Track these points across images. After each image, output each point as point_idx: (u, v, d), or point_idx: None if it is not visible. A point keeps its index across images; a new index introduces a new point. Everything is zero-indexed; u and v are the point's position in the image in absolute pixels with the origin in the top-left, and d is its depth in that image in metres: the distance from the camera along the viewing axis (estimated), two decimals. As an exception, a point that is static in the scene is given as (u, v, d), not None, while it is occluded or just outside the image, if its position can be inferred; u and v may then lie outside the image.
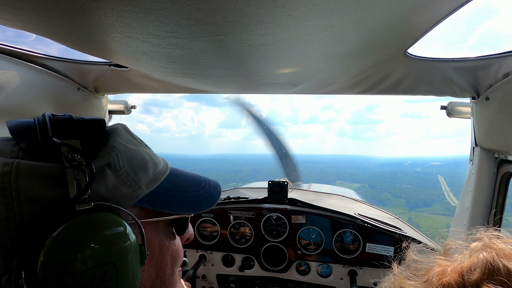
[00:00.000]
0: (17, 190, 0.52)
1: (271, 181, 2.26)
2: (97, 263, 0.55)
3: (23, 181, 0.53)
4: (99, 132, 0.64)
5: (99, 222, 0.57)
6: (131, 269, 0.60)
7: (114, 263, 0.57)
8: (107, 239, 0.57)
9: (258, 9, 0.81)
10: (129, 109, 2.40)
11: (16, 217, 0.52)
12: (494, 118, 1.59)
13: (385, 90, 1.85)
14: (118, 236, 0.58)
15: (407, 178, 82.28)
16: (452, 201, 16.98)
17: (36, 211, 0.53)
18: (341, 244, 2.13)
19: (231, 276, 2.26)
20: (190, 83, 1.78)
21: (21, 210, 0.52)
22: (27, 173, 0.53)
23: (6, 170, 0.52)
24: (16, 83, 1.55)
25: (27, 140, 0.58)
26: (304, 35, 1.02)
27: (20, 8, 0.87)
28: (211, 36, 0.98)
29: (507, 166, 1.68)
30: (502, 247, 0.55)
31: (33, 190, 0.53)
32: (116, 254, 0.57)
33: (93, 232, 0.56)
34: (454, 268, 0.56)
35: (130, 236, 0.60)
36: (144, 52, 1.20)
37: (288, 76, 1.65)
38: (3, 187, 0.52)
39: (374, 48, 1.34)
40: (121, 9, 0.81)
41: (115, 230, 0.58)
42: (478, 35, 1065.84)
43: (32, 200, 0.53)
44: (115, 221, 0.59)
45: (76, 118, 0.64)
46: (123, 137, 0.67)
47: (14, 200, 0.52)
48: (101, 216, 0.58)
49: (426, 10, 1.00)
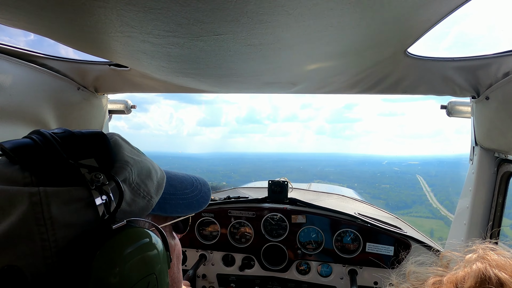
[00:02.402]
0: (51, 219, 0.51)
1: (271, 181, 2.26)
2: (142, 275, 0.58)
3: (55, 209, 0.52)
4: (105, 147, 0.64)
5: (135, 237, 0.59)
6: (165, 275, 0.64)
7: (155, 273, 0.61)
8: (146, 252, 0.60)
9: (258, 9, 0.81)
10: (129, 108, 2.40)
11: (52, 245, 0.51)
12: (494, 118, 1.59)
13: (385, 90, 1.85)
14: (152, 247, 0.61)
15: (386, 178, 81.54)
16: (433, 203, 16.86)
17: (70, 235, 0.53)
18: (341, 244, 2.13)
19: (231, 276, 2.26)
20: (190, 82, 1.78)
21: (56, 238, 0.52)
22: (57, 200, 0.53)
23: (35, 200, 0.51)
24: (16, 83, 1.55)
25: (36, 164, 0.55)
26: (304, 35, 1.02)
27: (20, 8, 0.87)
28: (211, 36, 0.98)
29: (507, 166, 1.68)
30: (495, 258, 0.57)
31: (65, 216, 0.53)
32: (155, 264, 0.61)
33: (133, 248, 0.58)
34: (449, 278, 0.58)
35: (159, 245, 0.63)
36: (144, 52, 1.20)
37: (288, 76, 1.64)
38: (37, 217, 0.50)
39: (374, 48, 1.34)
40: (121, 9, 0.81)
41: (149, 242, 0.61)
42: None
43: (66, 226, 0.53)
44: (146, 234, 0.61)
45: (77, 132, 0.63)
46: (126, 149, 0.68)
47: (49, 229, 0.51)
48: (135, 231, 0.60)
49: (426, 9, 1.00)
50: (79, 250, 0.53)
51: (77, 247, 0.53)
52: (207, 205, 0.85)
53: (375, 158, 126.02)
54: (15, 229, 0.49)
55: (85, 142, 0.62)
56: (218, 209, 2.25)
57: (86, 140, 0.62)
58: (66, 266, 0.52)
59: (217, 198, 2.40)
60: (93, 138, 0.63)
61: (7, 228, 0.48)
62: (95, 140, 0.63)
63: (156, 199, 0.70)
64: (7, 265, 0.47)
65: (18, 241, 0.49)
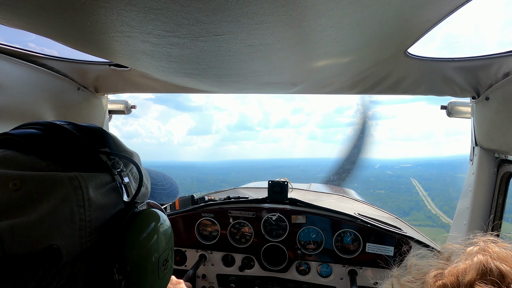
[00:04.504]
0: (89, 200, 0.56)
1: (271, 181, 2.26)
2: (164, 248, 0.68)
3: (92, 192, 0.57)
4: (111, 138, 0.70)
5: (155, 217, 0.69)
6: (173, 249, 0.76)
7: (170, 246, 0.72)
8: (163, 228, 0.70)
9: (258, 9, 0.81)
10: (129, 109, 2.40)
11: (87, 225, 0.55)
12: (494, 118, 1.59)
13: (385, 90, 1.85)
14: (167, 225, 0.72)
15: (380, 183, 79.06)
16: (432, 209, 16.45)
17: (101, 217, 0.58)
18: (341, 244, 2.13)
19: (231, 276, 2.26)
20: (190, 83, 1.78)
21: (91, 218, 0.56)
22: (91, 183, 0.57)
23: (75, 183, 0.54)
24: (16, 83, 1.55)
25: (57, 152, 0.57)
26: (304, 35, 1.02)
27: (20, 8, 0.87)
28: (211, 36, 0.98)
29: (507, 166, 1.68)
30: (496, 251, 0.57)
31: (99, 199, 0.58)
32: (170, 239, 0.72)
33: (156, 225, 0.67)
34: (450, 271, 0.58)
35: (168, 223, 0.74)
36: (144, 52, 1.20)
37: (288, 76, 1.64)
38: (77, 199, 0.54)
39: (374, 48, 1.34)
40: (121, 9, 0.81)
41: (164, 221, 0.71)
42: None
43: (99, 208, 0.58)
44: (160, 214, 0.71)
45: (81, 125, 0.67)
46: (121, 142, 0.74)
47: (86, 210, 0.55)
48: (153, 212, 0.69)
49: (426, 10, 1.00)
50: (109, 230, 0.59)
51: (106, 228, 0.59)
52: (178, 195, 0.98)
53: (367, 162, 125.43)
54: (58, 211, 0.52)
55: (94, 133, 0.66)
56: (218, 209, 2.25)
57: (94, 131, 0.66)
58: (97, 246, 0.57)
59: (217, 198, 2.40)
60: (95, 130, 0.68)
61: (51, 210, 0.51)
62: (97, 131, 0.68)
63: (149, 188, 0.79)
64: (48, 245, 0.50)
65: (60, 222, 0.52)
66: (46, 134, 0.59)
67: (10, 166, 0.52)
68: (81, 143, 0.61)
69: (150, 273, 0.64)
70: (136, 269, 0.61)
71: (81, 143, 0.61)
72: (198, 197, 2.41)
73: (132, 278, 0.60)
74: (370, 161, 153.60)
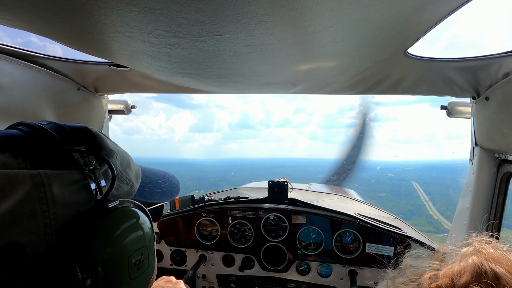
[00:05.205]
0: (52, 198, 0.56)
1: (271, 181, 2.26)
2: (136, 247, 0.67)
3: (56, 189, 0.56)
4: (91, 136, 0.70)
5: (129, 215, 0.68)
6: (153, 248, 0.74)
7: (146, 246, 0.70)
8: (138, 227, 0.69)
9: (258, 9, 0.81)
10: (129, 109, 2.40)
11: (52, 223, 0.55)
12: (494, 118, 1.59)
13: (385, 90, 1.85)
14: (142, 224, 0.70)
15: (381, 186, 77.16)
16: (434, 214, 16.15)
17: (69, 215, 0.58)
18: (341, 244, 2.13)
19: (231, 276, 2.26)
20: (190, 83, 1.78)
21: (56, 216, 0.56)
22: (56, 181, 0.57)
23: (37, 181, 0.54)
24: (16, 83, 1.55)
25: (29, 150, 0.58)
26: (304, 35, 1.02)
27: (20, 8, 0.87)
28: (211, 36, 0.98)
29: (507, 166, 1.68)
30: (490, 252, 0.57)
31: (65, 196, 0.58)
32: (146, 238, 0.70)
33: (129, 224, 0.66)
34: (445, 273, 0.57)
35: (147, 223, 0.72)
36: (144, 52, 1.20)
37: (288, 76, 1.64)
38: (39, 196, 0.54)
39: (374, 48, 1.34)
40: (121, 9, 0.81)
41: (140, 219, 0.70)
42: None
43: (65, 206, 0.58)
44: (136, 212, 0.70)
45: (63, 124, 0.67)
46: (107, 140, 0.74)
47: (50, 207, 0.55)
48: (127, 210, 0.68)
49: (426, 10, 1.00)
50: (77, 228, 0.58)
51: (75, 225, 0.58)
52: (178, 194, 0.97)
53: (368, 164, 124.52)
54: (19, 208, 0.52)
55: (73, 132, 0.67)
56: (218, 209, 2.25)
57: (73, 131, 0.67)
58: (65, 243, 0.57)
59: (217, 198, 2.40)
60: (79, 129, 0.69)
61: (11, 207, 0.51)
62: (81, 130, 0.69)
63: (137, 185, 0.79)
64: (10, 241, 0.50)
65: (21, 219, 0.52)
66: (25, 134, 0.60)
67: None
68: (53, 141, 0.61)
69: (119, 272, 0.63)
70: (103, 268, 0.60)
71: (52, 141, 0.61)
72: (198, 197, 2.41)
73: (99, 277, 0.60)
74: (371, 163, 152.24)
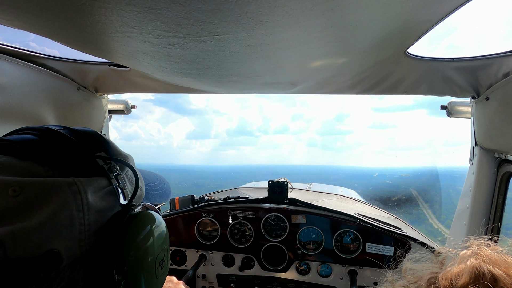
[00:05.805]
0: (88, 205, 0.57)
1: (271, 181, 2.26)
2: (161, 248, 0.71)
3: (90, 196, 0.58)
4: (106, 142, 0.72)
5: (152, 218, 0.71)
6: (169, 249, 0.78)
7: (166, 247, 0.74)
8: (161, 229, 0.72)
9: (258, 9, 0.81)
10: (129, 109, 2.40)
11: (86, 228, 0.57)
12: (494, 118, 1.59)
13: (385, 90, 1.85)
14: (162, 226, 0.74)
15: (379, 193, 77.02)
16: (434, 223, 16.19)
17: (100, 220, 0.60)
18: (341, 244, 2.13)
19: (231, 276, 2.26)
20: (190, 83, 1.78)
21: (90, 222, 0.58)
22: (90, 188, 0.58)
23: (74, 189, 0.56)
24: (16, 83, 1.55)
25: (53, 157, 0.59)
26: (304, 35, 1.02)
27: (20, 8, 0.87)
28: (211, 36, 0.98)
29: (507, 166, 1.68)
30: (489, 254, 0.58)
31: (97, 203, 0.59)
32: (165, 239, 0.74)
33: (153, 227, 0.69)
34: (444, 275, 0.58)
35: (164, 224, 0.76)
36: (144, 52, 1.20)
37: (288, 76, 1.64)
38: (77, 203, 0.55)
39: (374, 48, 1.34)
40: (121, 9, 0.81)
41: (160, 222, 0.73)
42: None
43: (98, 212, 0.59)
44: (156, 216, 0.73)
45: (76, 129, 0.68)
46: (116, 145, 0.75)
47: (85, 214, 0.57)
48: (149, 214, 0.71)
49: (426, 10, 1.00)
50: (108, 233, 0.60)
51: (105, 230, 0.60)
52: (171, 195, 1.00)
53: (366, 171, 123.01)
54: (58, 216, 0.53)
55: (87, 137, 0.67)
56: (218, 209, 2.25)
57: (87, 135, 0.67)
58: (96, 248, 0.59)
59: (217, 198, 2.40)
60: (90, 134, 0.69)
61: (51, 215, 0.52)
62: (93, 135, 0.69)
63: (144, 190, 0.81)
64: (49, 249, 0.51)
65: (61, 226, 0.53)
66: (42, 140, 0.60)
67: (9, 173, 0.53)
68: (78, 148, 0.62)
69: (148, 273, 0.66)
70: (134, 270, 0.62)
71: (77, 148, 0.62)
72: (198, 197, 2.42)
73: (131, 279, 0.62)
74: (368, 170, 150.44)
